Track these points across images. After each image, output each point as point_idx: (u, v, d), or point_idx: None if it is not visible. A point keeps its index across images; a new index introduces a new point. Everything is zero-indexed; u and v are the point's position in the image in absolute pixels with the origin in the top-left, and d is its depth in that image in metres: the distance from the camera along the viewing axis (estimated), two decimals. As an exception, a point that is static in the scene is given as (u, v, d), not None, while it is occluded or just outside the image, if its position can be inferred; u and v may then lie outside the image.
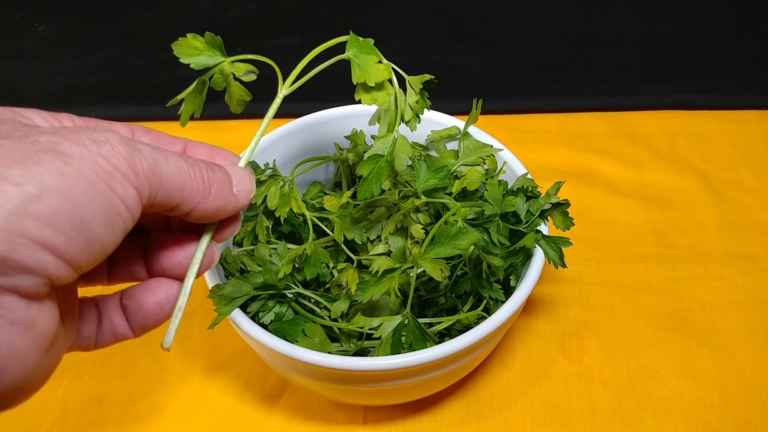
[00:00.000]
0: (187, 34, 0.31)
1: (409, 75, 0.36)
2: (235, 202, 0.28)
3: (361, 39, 0.33)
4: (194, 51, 0.32)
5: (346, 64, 0.34)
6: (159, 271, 0.29)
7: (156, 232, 0.31)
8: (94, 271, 0.29)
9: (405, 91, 0.35)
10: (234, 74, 0.33)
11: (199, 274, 0.29)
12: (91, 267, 0.23)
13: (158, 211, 0.26)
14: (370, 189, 0.34)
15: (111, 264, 0.30)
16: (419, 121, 0.35)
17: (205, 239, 0.29)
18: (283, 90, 0.32)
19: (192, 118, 0.34)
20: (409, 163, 0.35)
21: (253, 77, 0.32)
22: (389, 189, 0.41)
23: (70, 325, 0.27)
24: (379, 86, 0.33)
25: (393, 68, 0.34)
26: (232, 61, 0.32)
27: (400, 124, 0.34)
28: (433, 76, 0.36)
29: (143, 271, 0.30)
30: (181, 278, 0.29)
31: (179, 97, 0.32)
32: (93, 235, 0.22)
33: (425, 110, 0.47)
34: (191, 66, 0.31)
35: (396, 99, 0.34)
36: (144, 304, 0.28)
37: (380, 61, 0.34)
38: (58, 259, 0.22)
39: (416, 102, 0.35)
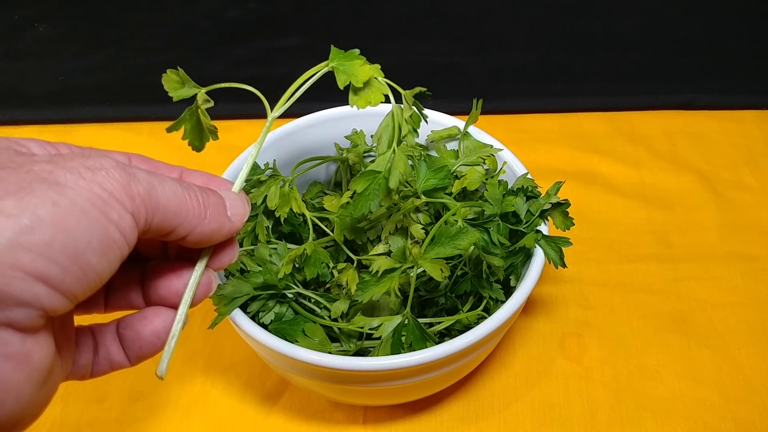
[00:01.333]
0: (168, 70, 0.32)
1: (409, 75, 0.36)
2: (229, 225, 0.28)
3: (343, 51, 0.33)
4: (177, 84, 0.33)
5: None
6: (156, 299, 0.29)
7: (153, 260, 0.30)
8: (91, 299, 0.29)
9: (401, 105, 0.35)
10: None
11: (196, 302, 0.29)
12: (88, 296, 0.23)
13: (155, 237, 0.26)
14: (367, 205, 0.34)
15: (108, 292, 0.30)
16: (417, 136, 0.35)
17: (199, 267, 0.29)
18: (273, 113, 0.32)
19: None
20: (408, 173, 0.35)
21: (209, 104, 0.33)
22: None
23: (67, 355, 0.27)
24: (368, 85, 0.33)
25: (388, 83, 0.34)
26: (206, 92, 0.33)
27: (399, 140, 0.34)
28: (425, 89, 0.36)
29: (140, 300, 0.30)
30: (178, 307, 0.29)
31: (174, 124, 0.33)
32: (88, 264, 0.22)
33: (427, 110, 0.47)
34: (173, 98, 0.33)
35: (393, 115, 0.34)
36: (141, 333, 0.28)
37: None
38: (53, 290, 0.21)
39: (410, 116, 0.35)
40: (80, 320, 0.29)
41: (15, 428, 0.23)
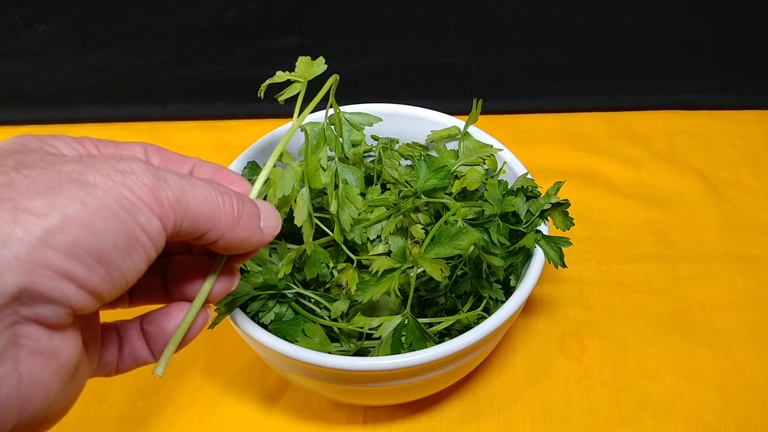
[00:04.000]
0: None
1: (409, 75, 0.36)
2: (260, 236, 0.28)
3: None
4: None
5: (347, 67, 0.34)
6: (180, 295, 0.29)
7: (177, 254, 0.30)
8: None
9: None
10: None
11: (217, 297, 0.29)
12: (114, 297, 0.23)
13: (184, 240, 0.26)
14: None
15: (132, 287, 0.30)
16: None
17: (213, 274, 0.29)
18: (295, 121, 0.32)
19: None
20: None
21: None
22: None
23: (93, 352, 0.27)
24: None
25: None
26: None
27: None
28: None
29: (164, 295, 0.30)
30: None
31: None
32: (113, 266, 0.22)
33: (427, 110, 0.48)
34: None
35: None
36: (165, 329, 0.28)
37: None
38: (81, 289, 0.22)
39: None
40: (105, 316, 0.28)
41: (43, 424, 0.24)
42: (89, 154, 0.25)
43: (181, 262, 0.29)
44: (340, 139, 0.41)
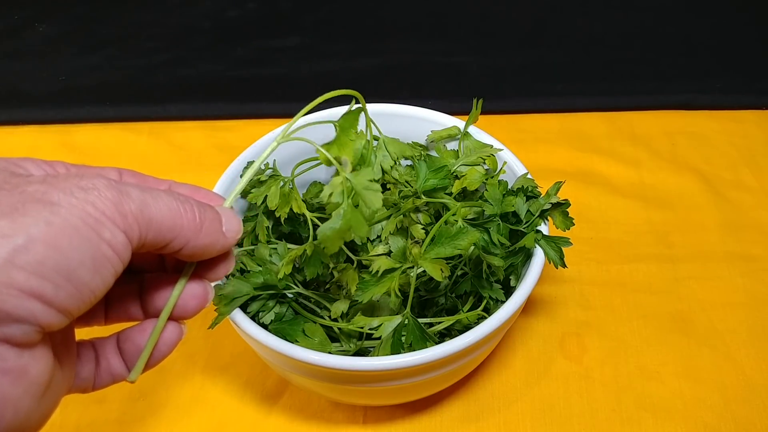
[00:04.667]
0: None
1: (409, 75, 0.36)
2: (223, 240, 0.28)
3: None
4: None
5: (347, 66, 0.34)
6: (154, 311, 0.30)
7: (151, 272, 0.31)
8: (91, 312, 0.29)
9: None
10: None
11: (192, 314, 0.30)
12: (83, 312, 0.24)
13: (150, 250, 0.26)
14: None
15: (107, 305, 0.30)
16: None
17: (182, 280, 0.29)
18: (280, 138, 0.32)
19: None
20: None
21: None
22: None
23: (68, 368, 0.27)
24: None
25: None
26: None
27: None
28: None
29: (139, 312, 0.30)
30: (176, 319, 0.30)
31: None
32: (81, 282, 0.23)
33: (427, 110, 0.48)
34: None
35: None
36: (140, 346, 0.29)
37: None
38: (48, 306, 0.22)
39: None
40: (81, 333, 0.29)
41: None
42: (55, 174, 0.25)
43: (155, 279, 0.30)
44: (372, 158, 0.41)
